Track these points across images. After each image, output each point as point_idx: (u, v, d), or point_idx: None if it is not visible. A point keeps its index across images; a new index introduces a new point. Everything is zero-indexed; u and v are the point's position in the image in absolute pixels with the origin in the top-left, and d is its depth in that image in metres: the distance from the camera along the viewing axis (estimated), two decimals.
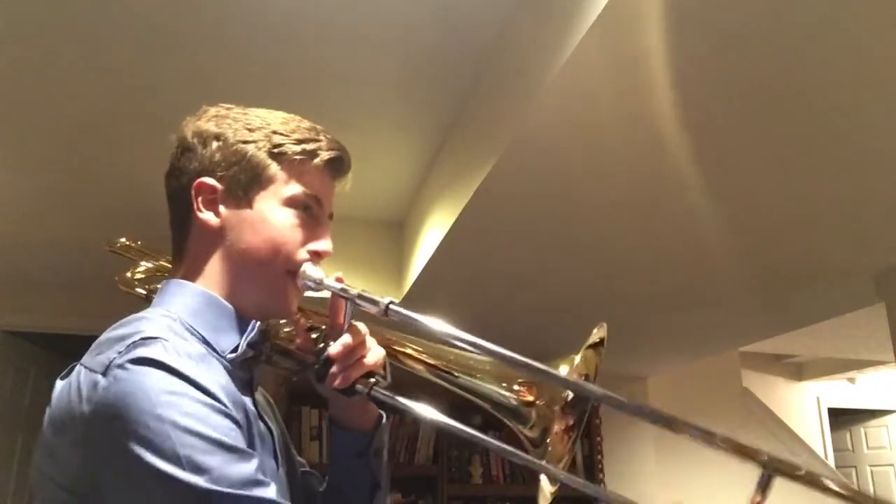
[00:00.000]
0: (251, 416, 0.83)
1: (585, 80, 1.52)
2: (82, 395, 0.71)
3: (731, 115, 1.65)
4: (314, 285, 0.88)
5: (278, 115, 0.92)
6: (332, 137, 0.93)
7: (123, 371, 0.70)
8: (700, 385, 4.51)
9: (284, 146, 0.88)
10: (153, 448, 0.67)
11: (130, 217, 2.88)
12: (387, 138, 2.39)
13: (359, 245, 3.09)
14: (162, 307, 0.84)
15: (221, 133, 0.88)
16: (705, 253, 2.50)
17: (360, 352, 0.89)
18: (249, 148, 0.88)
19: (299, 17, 1.74)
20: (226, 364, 0.83)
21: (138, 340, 0.72)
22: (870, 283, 2.61)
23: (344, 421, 0.99)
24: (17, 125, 2.20)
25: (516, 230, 2.34)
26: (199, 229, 0.87)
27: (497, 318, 3.25)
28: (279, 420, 1.00)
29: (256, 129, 0.89)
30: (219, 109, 0.92)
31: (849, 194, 2.01)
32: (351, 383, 0.88)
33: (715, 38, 1.39)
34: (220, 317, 0.85)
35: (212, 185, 0.86)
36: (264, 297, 0.88)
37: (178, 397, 0.70)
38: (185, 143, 0.90)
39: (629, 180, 1.98)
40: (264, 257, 0.86)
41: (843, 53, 1.41)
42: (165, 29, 1.77)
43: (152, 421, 0.67)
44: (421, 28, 1.79)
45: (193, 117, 0.92)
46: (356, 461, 0.98)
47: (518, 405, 0.88)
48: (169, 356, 0.72)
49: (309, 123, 0.93)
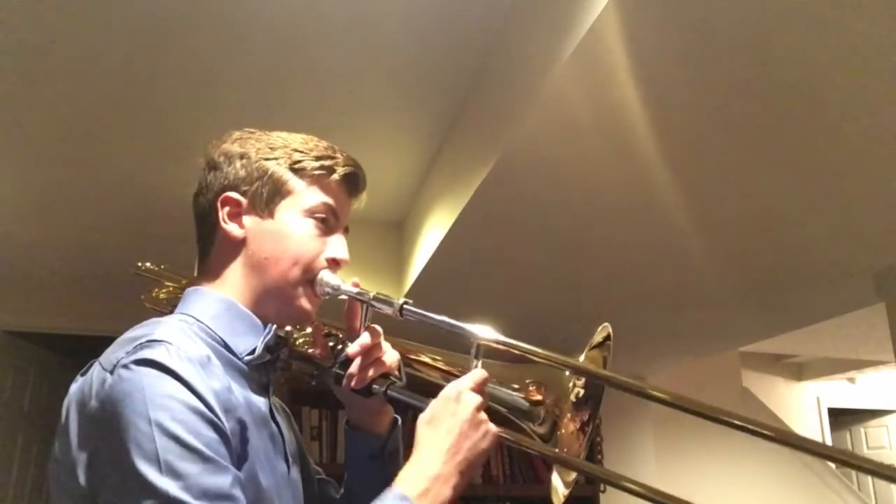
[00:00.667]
0: (258, 420, 0.86)
1: (585, 79, 1.52)
2: (93, 391, 0.76)
3: (731, 115, 1.65)
4: (332, 291, 0.94)
5: (297, 136, 0.99)
6: (349, 155, 0.99)
7: (127, 371, 0.74)
8: (700, 385, 4.51)
9: (304, 162, 0.94)
10: (139, 447, 0.71)
11: (130, 217, 2.90)
12: (387, 138, 2.39)
13: (359, 245, 3.06)
14: (183, 312, 0.89)
15: (245, 152, 0.95)
16: (705, 253, 2.50)
17: (377, 352, 0.95)
18: (271, 164, 0.94)
19: (299, 17, 1.74)
20: (242, 366, 0.87)
21: (145, 342, 0.77)
22: (870, 283, 2.60)
23: (360, 424, 1.03)
24: (17, 125, 2.20)
25: (516, 230, 2.34)
26: (223, 240, 0.93)
27: (497, 318, 3.24)
28: (294, 428, 1.04)
29: (278, 147, 0.95)
30: (243, 133, 0.99)
31: (849, 194, 2.01)
32: (367, 384, 0.93)
33: (717, 36, 1.39)
34: (238, 321, 0.90)
35: (236, 199, 0.93)
36: (284, 303, 0.93)
37: (172, 402, 0.73)
38: (213, 162, 0.96)
39: (629, 180, 1.98)
40: (285, 266, 0.91)
41: (843, 52, 1.41)
42: (166, 29, 1.77)
43: (143, 422, 0.72)
44: (421, 28, 1.79)
45: (219, 140, 0.99)
46: (370, 464, 1.02)
47: (529, 405, 0.93)
48: (171, 359, 0.76)
49: (326, 143, 0.99)
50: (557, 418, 0.91)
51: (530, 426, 0.92)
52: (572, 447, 0.88)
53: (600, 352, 0.91)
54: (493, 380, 0.93)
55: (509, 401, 0.94)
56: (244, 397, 0.85)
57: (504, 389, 0.94)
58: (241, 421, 0.81)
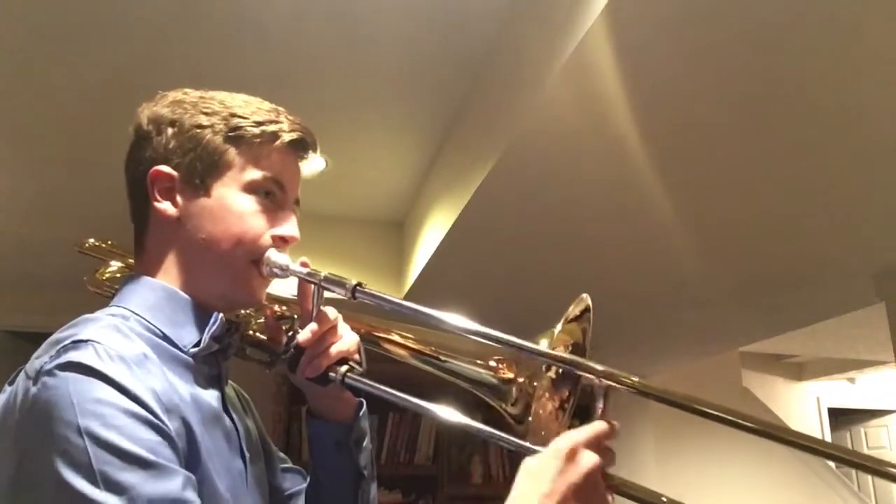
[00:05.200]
0: (208, 417, 0.78)
1: (585, 79, 1.51)
2: (17, 403, 0.68)
3: (730, 115, 1.65)
4: (280, 272, 0.85)
5: (238, 98, 0.88)
6: (295, 118, 0.89)
7: (51, 378, 0.66)
8: (700, 385, 4.51)
9: (243, 129, 0.84)
10: (72, 463, 0.63)
11: (129, 218, 2.90)
12: (387, 138, 2.39)
13: (359, 245, 3.09)
14: (118, 305, 0.81)
15: (176, 118, 0.84)
16: (705, 253, 2.50)
17: (331, 338, 0.86)
18: (206, 133, 0.83)
19: (299, 18, 1.74)
20: (187, 359, 0.79)
21: (69, 344, 0.69)
22: (870, 283, 2.60)
23: (322, 411, 0.95)
24: (18, 125, 2.20)
25: (516, 230, 2.34)
26: (157, 220, 0.84)
27: (497, 318, 3.24)
28: (255, 415, 0.97)
29: (213, 112, 0.85)
30: (176, 94, 0.88)
31: (849, 194, 2.01)
32: (322, 371, 0.85)
33: (721, 34, 1.39)
34: (180, 311, 0.81)
35: (168, 174, 0.83)
36: (228, 287, 0.84)
37: (103, 407, 0.66)
38: (141, 130, 0.86)
39: (629, 180, 1.98)
40: (226, 247, 0.82)
41: (844, 51, 1.41)
42: (166, 29, 1.77)
43: (73, 433, 0.64)
44: (421, 29, 1.79)
45: (150, 103, 0.88)
46: (336, 452, 0.94)
47: (498, 382, 0.85)
48: (100, 361, 0.68)
49: (270, 105, 0.88)
50: (531, 397, 0.82)
51: (502, 406, 0.84)
52: (551, 428, 0.79)
53: (579, 324, 0.81)
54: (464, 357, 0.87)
55: (476, 378, 0.86)
56: (191, 394, 0.77)
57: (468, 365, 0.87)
58: (187, 422, 0.73)
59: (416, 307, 0.83)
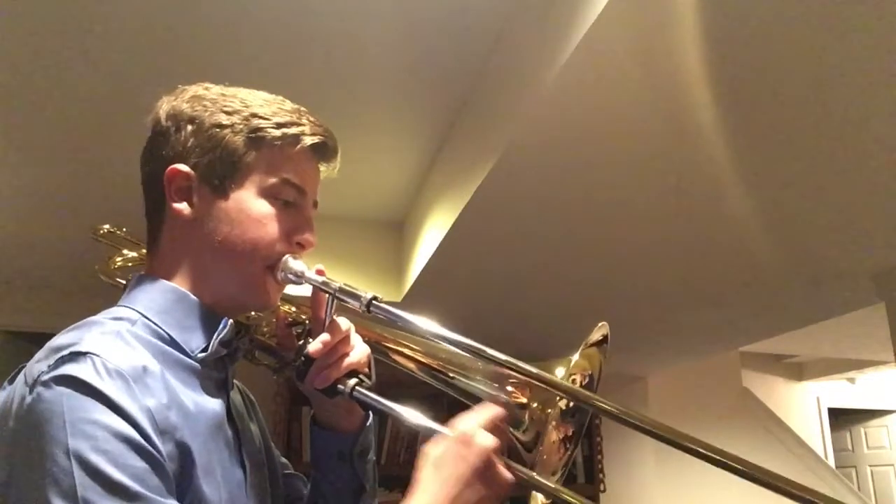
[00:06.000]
0: (211, 427, 0.77)
1: (585, 79, 1.51)
2: (13, 409, 0.68)
3: (730, 115, 1.65)
4: (295, 278, 0.83)
5: (259, 96, 0.86)
6: (317, 121, 0.87)
7: (47, 390, 0.66)
8: (700, 385, 4.52)
9: (264, 130, 0.82)
10: (57, 485, 0.62)
11: (131, 217, 2.89)
12: (387, 138, 2.39)
13: (359, 245, 3.09)
14: (126, 305, 0.80)
15: (196, 116, 0.82)
16: (705, 253, 2.50)
17: (342, 350, 0.85)
18: (226, 133, 0.81)
19: (299, 18, 1.74)
20: (194, 365, 0.78)
21: (67, 355, 0.68)
22: (870, 283, 2.61)
23: (327, 421, 0.93)
24: (18, 125, 2.20)
25: (516, 230, 2.35)
26: (172, 220, 0.82)
27: (497, 319, 3.25)
28: (259, 418, 0.96)
29: (234, 112, 0.82)
30: (197, 89, 0.85)
31: (849, 194, 2.01)
32: (332, 383, 0.84)
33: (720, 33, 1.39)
34: (190, 314, 0.80)
35: (185, 173, 0.81)
36: (241, 291, 0.83)
37: (95, 429, 0.65)
38: (159, 126, 0.84)
39: (629, 181, 1.98)
40: (242, 251, 0.81)
41: (844, 51, 1.41)
42: (167, 29, 1.77)
43: (61, 453, 0.63)
44: (421, 29, 1.79)
45: (170, 97, 0.86)
46: (338, 463, 0.93)
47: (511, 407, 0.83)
48: (97, 377, 0.66)
49: (292, 105, 0.87)
50: (543, 425, 0.81)
51: (513, 433, 0.81)
52: (551, 459, 0.79)
53: (597, 352, 0.82)
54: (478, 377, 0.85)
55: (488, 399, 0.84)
56: (194, 402, 0.75)
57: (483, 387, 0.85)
58: (181, 442, 0.71)
59: (431, 325, 0.80)
